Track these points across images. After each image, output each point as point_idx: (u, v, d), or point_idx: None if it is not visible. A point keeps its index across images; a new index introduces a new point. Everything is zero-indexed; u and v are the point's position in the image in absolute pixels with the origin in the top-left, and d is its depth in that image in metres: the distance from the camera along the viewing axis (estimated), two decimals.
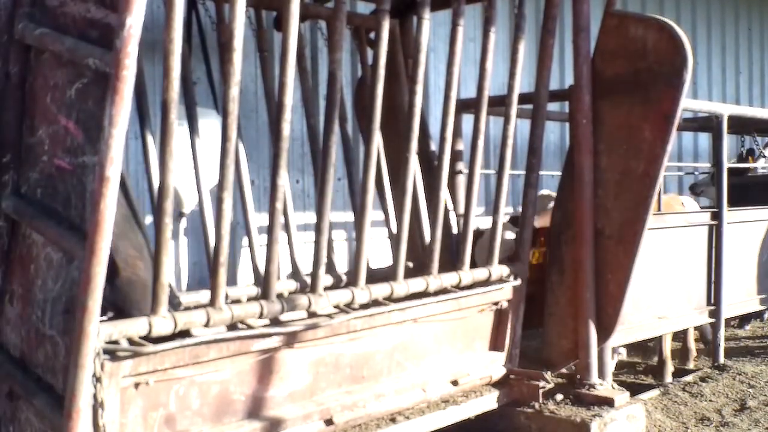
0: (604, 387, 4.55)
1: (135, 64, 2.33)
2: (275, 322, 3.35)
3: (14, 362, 2.79)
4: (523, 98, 4.55)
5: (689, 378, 5.82)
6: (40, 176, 2.74)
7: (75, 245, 2.53)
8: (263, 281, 3.35)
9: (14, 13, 2.77)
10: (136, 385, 2.90)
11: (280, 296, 3.42)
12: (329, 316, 3.53)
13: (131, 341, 2.84)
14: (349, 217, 5.73)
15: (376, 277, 4.06)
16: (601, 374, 4.63)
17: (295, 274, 4.21)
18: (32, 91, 2.78)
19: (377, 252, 5.85)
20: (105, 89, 2.36)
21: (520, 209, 4.63)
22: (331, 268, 4.27)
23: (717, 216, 6.09)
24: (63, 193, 2.66)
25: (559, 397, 4.49)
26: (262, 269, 3.76)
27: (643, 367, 6.51)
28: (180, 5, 2.74)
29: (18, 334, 2.79)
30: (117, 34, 2.30)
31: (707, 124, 6.81)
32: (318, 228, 3.54)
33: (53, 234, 2.65)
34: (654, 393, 5.43)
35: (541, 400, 4.37)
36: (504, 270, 4.38)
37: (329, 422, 3.59)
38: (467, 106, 5.23)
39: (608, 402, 4.39)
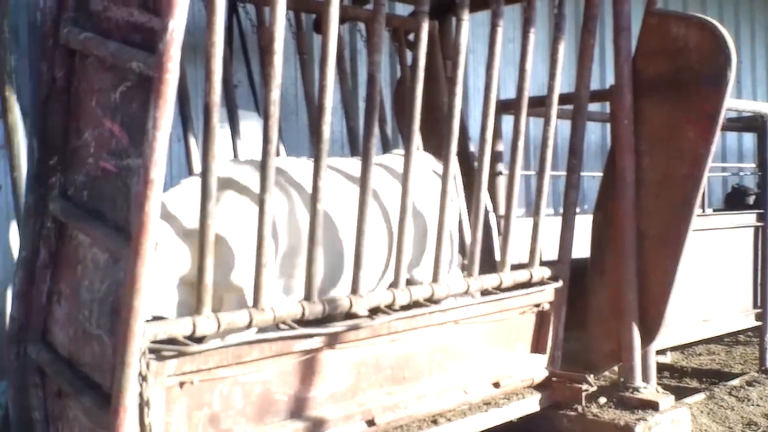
0: (649, 390, 4.49)
1: (178, 68, 2.36)
2: (317, 323, 3.37)
3: (62, 361, 2.84)
4: (564, 99, 4.52)
5: (735, 382, 5.72)
6: (86, 178, 2.78)
7: (120, 246, 2.57)
8: (305, 282, 3.37)
9: (59, 18, 2.82)
10: (181, 385, 2.94)
11: (321, 297, 3.43)
12: (370, 317, 3.54)
13: (176, 341, 2.89)
14: None
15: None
16: (645, 377, 4.58)
17: None
18: (77, 94, 2.83)
19: None
20: (148, 92, 2.40)
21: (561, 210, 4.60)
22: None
23: (763, 217, 5.98)
24: (108, 195, 2.70)
25: (602, 400, 4.44)
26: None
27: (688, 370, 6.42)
28: (222, 9, 2.77)
29: (66, 334, 2.84)
30: (160, 38, 2.33)
31: (752, 124, 6.69)
32: (359, 229, 3.55)
33: (99, 235, 2.69)
34: (699, 397, 5.34)
35: (583, 403, 4.32)
36: (545, 271, 4.35)
37: (371, 423, 3.59)
38: (507, 107, 5.21)
39: (653, 405, 4.33)
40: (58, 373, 2.82)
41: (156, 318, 2.91)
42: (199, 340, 2.92)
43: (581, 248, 4.72)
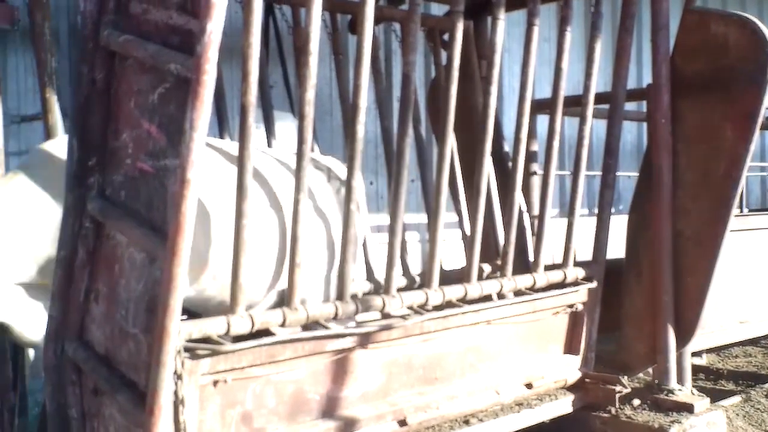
0: (683, 392, 4.45)
1: (215, 69, 2.38)
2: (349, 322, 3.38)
3: (99, 359, 2.87)
4: (600, 98, 4.48)
5: None
6: (124, 179, 2.81)
7: (157, 246, 2.60)
8: (338, 282, 3.38)
9: (99, 21, 2.86)
10: (215, 383, 2.97)
11: (354, 297, 3.44)
12: (403, 317, 3.55)
13: (210, 340, 2.92)
14: (422, 218, 5.74)
15: (449, 278, 4.05)
16: (680, 379, 4.53)
17: (369, 275, 4.23)
18: (117, 96, 2.86)
19: (450, 253, 5.84)
20: (186, 94, 2.42)
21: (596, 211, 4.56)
22: (404, 270, 4.28)
23: None
24: (145, 195, 2.73)
25: (636, 402, 4.40)
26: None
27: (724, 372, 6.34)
28: (258, 10, 2.79)
29: (103, 332, 2.87)
30: (198, 40, 2.36)
31: None
32: (391, 229, 3.56)
33: (136, 235, 2.72)
34: (735, 399, 5.28)
35: (617, 405, 4.30)
36: (579, 272, 4.33)
37: (402, 423, 3.60)
38: (542, 106, 5.19)
39: (687, 408, 4.29)
40: (95, 371, 2.86)
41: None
42: (233, 339, 2.94)
43: (616, 249, 4.68)
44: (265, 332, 3.04)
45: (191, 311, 3.13)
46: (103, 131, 2.88)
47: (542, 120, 5.26)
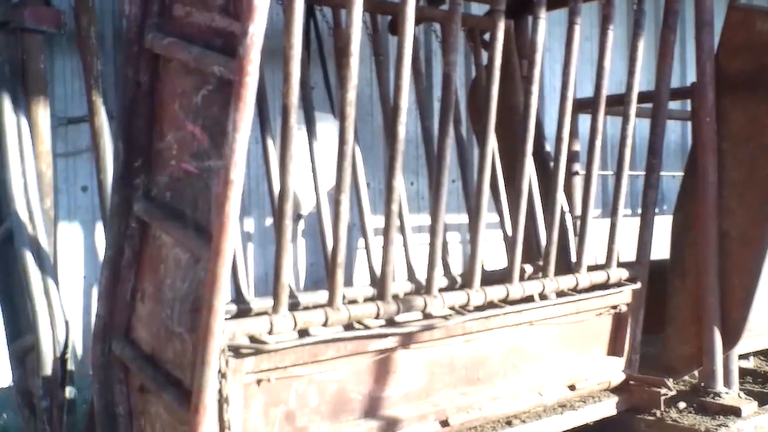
0: (730, 396, 4.38)
1: (257, 71, 2.40)
2: (391, 322, 3.39)
3: (145, 358, 2.91)
4: (643, 96, 4.43)
5: None
6: (169, 180, 2.85)
7: (201, 246, 2.63)
8: (379, 282, 3.39)
9: (144, 24, 2.90)
10: (258, 382, 3.00)
11: (395, 297, 3.45)
12: (444, 317, 3.54)
13: (253, 339, 2.94)
14: (463, 219, 5.72)
15: (491, 279, 4.04)
16: (727, 382, 4.46)
17: (410, 275, 4.23)
18: (161, 98, 2.90)
19: (492, 254, 5.82)
20: (229, 95, 2.44)
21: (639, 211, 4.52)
22: (445, 270, 4.28)
23: None
24: (189, 196, 2.76)
25: (682, 405, 4.35)
26: (377, 270, 3.80)
27: None
28: (300, 12, 2.80)
29: (148, 331, 2.91)
30: (240, 42, 2.38)
31: None
32: (433, 230, 3.56)
33: (181, 235, 2.75)
34: None
35: (662, 408, 4.24)
36: (623, 273, 4.28)
37: (445, 423, 3.59)
38: (584, 105, 5.14)
39: (734, 411, 4.22)
40: (141, 370, 2.90)
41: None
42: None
43: (660, 249, 4.63)
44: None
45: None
46: (148, 133, 2.92)
47: (584, 119, 5.21)
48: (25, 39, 3.68)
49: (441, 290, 3.64)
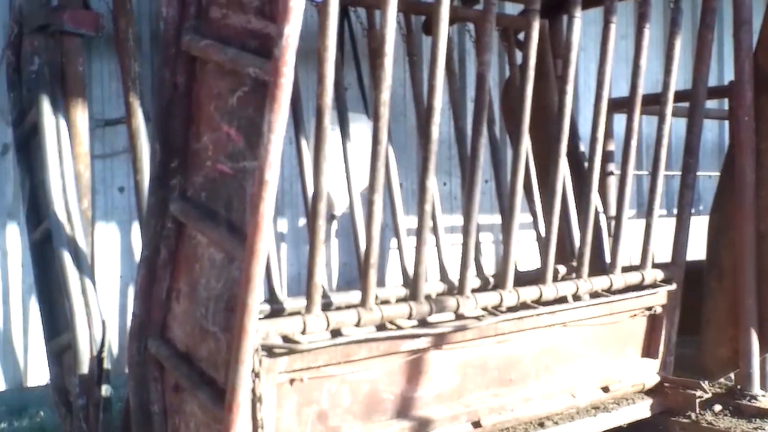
0: (767, 398, 4.32)
1: (292, 72, 2.41)
2: (423, 323, 3.39)
3: (180, 356, 2.94)
4: (679, 95, 4.39)
5: None
6: (204, 180, 2.87)
7: (236, 246, 2.64)
8: (412, 283, 3.39)
9: (181, 26, 2.92)
10: (291, 382, 3.01)
11: (428, 298, 3.45)
12: (477, 318, 3.53)
13: (286, 339, 2.96)
14: (496, 219, 5.71)
15: (523, 279, 4.03)
16: (764, 385, 4.41)
17: (442, 276, 4.23)
18: (197, 99, 2.92)
19: (525, 255, 5.79)
20: (264, 96, 2.45)
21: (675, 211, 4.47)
22: (478, 271, 4.27)
23: None
24: (225, 197, 2.78)
25: (717, 407, 4.30)
26: (410, 271, 3.80)
27: None
28: (335, 14, 2.82)
29: (183, 330, 2.94)
30: (276, 44, 2.39)
31: None
32: (465, 230, 3.55)
33: (216, 235, 2.78)
34: None
35: (697, 410, 4.20)
36: (658, 274, 4.24)
37: (477, 424, 3.59)
38: (619, 105, 5.10)
39: None
40: (176, 368, 2.93)
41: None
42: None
43: (696, 250, 4.58)
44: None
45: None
46: (184, 134, 2.95)
47: (619, 119, 5.17)
48: (65, 42, 3.73)
49: (474, 291, 3.63)
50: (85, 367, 3.37)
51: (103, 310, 3.56)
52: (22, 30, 3.78)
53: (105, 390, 3.39)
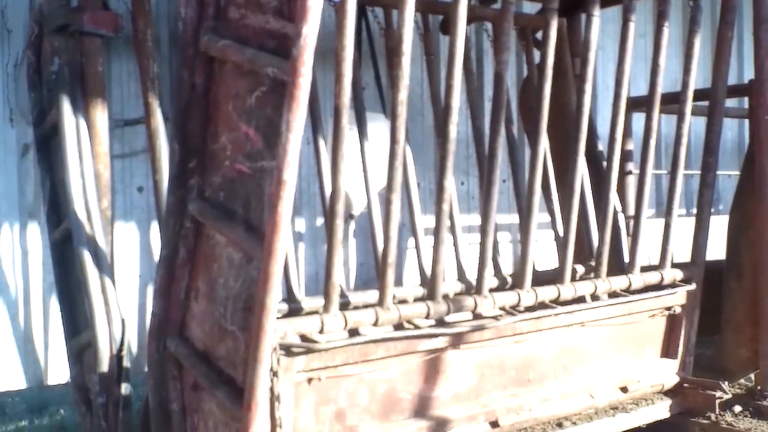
0: None
1: (310, 72, 2.42)
2: (441, 322, 3.39)
3: (198, 355, 2.95)
4: (698, 94, 4.36)
5: None
6: (223, 180, 2.89)
7: (254, 246, 2.65)
8: (429, 282, 3.39)
9: (199, 27, 2.94)
10: (309, 381, 3.02)
11: (445, 297, 3.45)
12: (495, 317, 3.53)
13: (304, 338, 2.97)
14: (514, 218, 5.68)
15: (541, 279, 4.01)
16: None
17: (460, 275, 4.23)
18: (216, 100, 2.93)
19: (543, 254, 5.77)
20: (282, 96, 2.46)
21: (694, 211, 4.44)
22: (496, 270, 4.26)
23: None
24: (243, 196, 2.79)
25: (737, 408, 4.27)
26: (428, 270, 3.80)
27: None
28: (352, 14, 2.82)
29: (202, 329, 2.95)
30: (294, 44, 2.39)
31: None
32: (483, 230, 3.55)
33: (234, 235, 2.79)
34: None
35: (717, 411, 4.17)
36: (677, 274, 4.22)
37: (494, 424, 3.58)
38: (637, 104, 5.07)
39: None
40: (195, 367, 2.94)
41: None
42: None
43: (715, 250, 4.55)
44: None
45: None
46: (202, 134, 2.96)
47: (637, 118, 5.14)
48: (84, 42, 3.74)
49: (491, 290, 3.63)
50: (105, 366, 3.39)
51: (122, 309, 3.58)
52: (42, 30, 3.80)
53: (125, 388, 3.40)
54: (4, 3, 4.25)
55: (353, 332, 3.11)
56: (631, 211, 5.04)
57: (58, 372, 4.33)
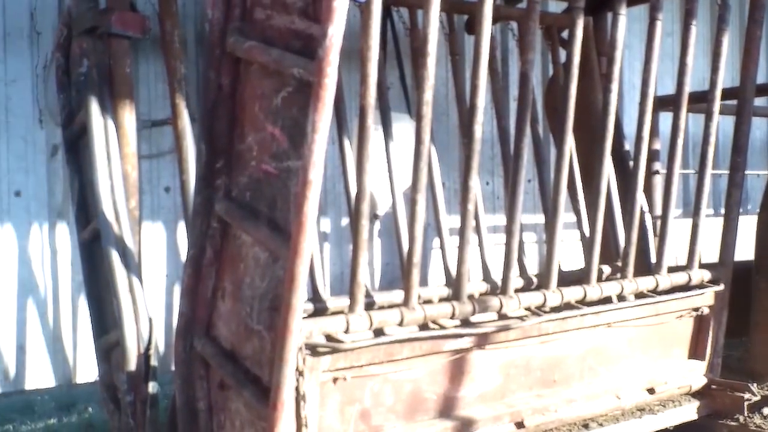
0: None
1: (336, 72, 2.42)
2: (466, 323, 3.38)
3: (225, 354, 2.97)
4: (727, 93, 4.32)
5: None
6: (249, 180, 2.90)
7: (280, 245, 2.66)
8: (454, 282, 3.39)
9: (226, 28, 2.95)
10: (334, 380, 3.03)
11: (471, 297, 3.44)
12: (520, 318, 3.52)
13: (330, 338, 2.98)
14: (539, 219, 5.67)
15: (567, 279, 3.99)
16: None
17: (485, 275, 4.22)
18: (242, 100, 2.95)
19: (569, 255, 5.74)
20: (308, 97, 2.46)
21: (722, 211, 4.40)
22: (521, 271, 4.25)
23: None
24: (269, 196, 2.80)
25: (766, 410, 4.22)
26: (453, 270, 3.80)
27: None
28: (377, 14, 2.82)
29: (228, 328, 2.97)
30: (319, 44, 2.40)
31: None
32: (508, 230, 3.54)
33: (260, 235, 2.80)
34: None
35: (745, 413, 4.13)
36: (705, 274, 4.18)
37: (520, 425, 3.57)
38: (664, 103, 5.04)
39: None
40: (221, 366, 2.96)
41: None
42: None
43: (744, 251, 4.50)
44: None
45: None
46: (229, 135, 2.97)
47: (665, 117, 5.11)
48: (112, 44, 3.77)
49: (517, 291, 3.62)
50: (132, 365, 3.41)
51: (150, 309, 3.60)
52: (71, 32, 3.84)
53: (152, 387, 3.42)
54: (33, 5, 4.31)
55: (378, 332, 3.11)
56: (658, 211, 5.01)
57: (87, 370, 4.38)
